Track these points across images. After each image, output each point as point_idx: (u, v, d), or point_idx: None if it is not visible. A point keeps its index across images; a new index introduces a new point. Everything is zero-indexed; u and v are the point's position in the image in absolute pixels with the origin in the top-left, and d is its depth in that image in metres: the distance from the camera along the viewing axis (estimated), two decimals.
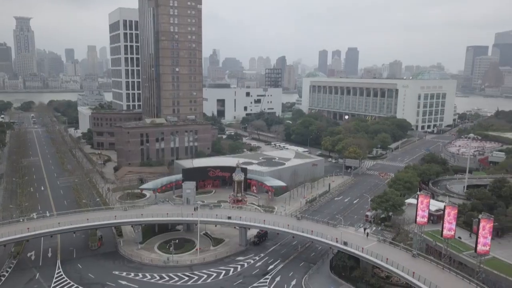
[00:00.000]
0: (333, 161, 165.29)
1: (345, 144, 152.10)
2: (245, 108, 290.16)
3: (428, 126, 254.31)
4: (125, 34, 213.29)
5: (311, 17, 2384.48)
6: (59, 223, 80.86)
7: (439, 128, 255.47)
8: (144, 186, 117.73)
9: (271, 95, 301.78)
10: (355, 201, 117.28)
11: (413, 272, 61.30)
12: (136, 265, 78.73)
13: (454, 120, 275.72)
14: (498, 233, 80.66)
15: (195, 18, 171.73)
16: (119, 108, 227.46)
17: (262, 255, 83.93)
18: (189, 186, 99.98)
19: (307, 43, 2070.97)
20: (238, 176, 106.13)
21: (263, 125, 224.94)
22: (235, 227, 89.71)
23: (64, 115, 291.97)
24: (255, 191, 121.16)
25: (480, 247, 63.35)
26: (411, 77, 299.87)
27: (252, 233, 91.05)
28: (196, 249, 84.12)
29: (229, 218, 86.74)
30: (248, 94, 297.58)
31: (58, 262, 79.22)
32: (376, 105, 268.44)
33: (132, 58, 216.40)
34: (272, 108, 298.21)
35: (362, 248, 70.50)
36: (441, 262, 66.40)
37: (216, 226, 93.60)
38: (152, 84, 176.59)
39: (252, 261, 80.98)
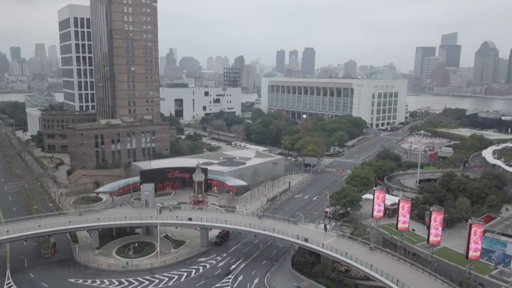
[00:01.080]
0: (293, 159, 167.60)
1: (304, 142, 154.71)
2: (204, 108, 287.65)
3: (382, 124, 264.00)
4: (76, 32, 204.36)
5: (268, 17, 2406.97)
6: (7, 231, 76.19)
7: (392, 125, 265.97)
8: (100, 189, 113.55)
9: (230, 95, 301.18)
10: (314, 198, 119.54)
11: (371, 265, 63.40)
12: (93, 272, 75.75)
13: (406, 118, 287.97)
14: (448, 224, 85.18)
15: (150, 16, 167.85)
16: (71, 109, 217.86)
17: (224, 255, 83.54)
18: (148, 188, 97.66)
19: (265, 43, 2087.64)
20: (198, 177, 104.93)
21: (223, 125, 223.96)
22: (196, 228, 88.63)
23: (11, 117, 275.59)
24: (216, 191, 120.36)
25: (432, 238, 66.68)
26: (365, 77, 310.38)
27: (214, 233, 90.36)
28: (157, 252, 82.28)
29: (190, 219, 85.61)
30: (206, 93, 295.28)
31: (8, 272, 74.67)
32: (332, 104, 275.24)
33: (84, 57, 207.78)
34: (232, 108, 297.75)
35: (322, 244, 71.94)
36: (397, 253, 69.13)
37: (176, 228, 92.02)
38: (106, 84, 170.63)
39: (214, 262, 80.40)
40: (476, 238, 61.08)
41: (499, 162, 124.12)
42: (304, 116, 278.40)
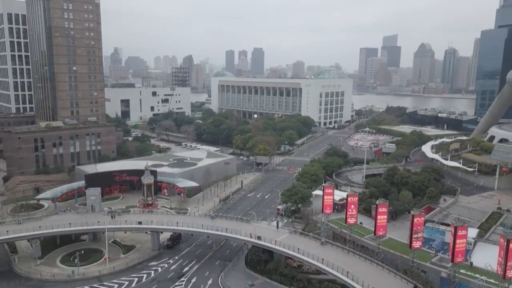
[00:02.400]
0: (245, 158, 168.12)
1: (255, 141, 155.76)
2: (152, 108, 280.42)
3: (330, 122, 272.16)
4: (11, 28, 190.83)
5: (217, 17, 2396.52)
6: None
7: (339, 124, 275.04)
8: (41, 195, 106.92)
9: (179, 95, 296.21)
10: (266, 196, 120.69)
11: (322, 259, 65.05)
12: (35, 283, 71.19)
13: (352, 116, 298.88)
14: (392, 216, 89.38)
15: (92, 13, 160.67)
16: (7, 111, 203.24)
17: (176, 257, 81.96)
18: (93, 193, 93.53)
19: (214, 43, 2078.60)
20: (147, 179, 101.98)
21: (172, 126, 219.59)
22: (146, 232, 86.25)
23: None
24: (166, 193, 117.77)
25: (378, 230, 69.70)
26: (313, 77, 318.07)
27: (165, 236, 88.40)
28: (105, 259, 78.93)
29: (140, 223, 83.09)
30: (154, 93, 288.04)
31: None
32: (282, 104, 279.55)
33: (20, 56, 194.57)
34: (181, 108, 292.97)
35: (275, 241, 72.72)
36: (346, 247, 71.53)
37: (126, 232, 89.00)
38: (46, 84, 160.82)
39: (166, 265, 78.59)
40: (418, 228, 64.62)
41: (437, 156, 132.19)
42: (255, 115, 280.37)
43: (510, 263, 55.28)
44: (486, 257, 65.33)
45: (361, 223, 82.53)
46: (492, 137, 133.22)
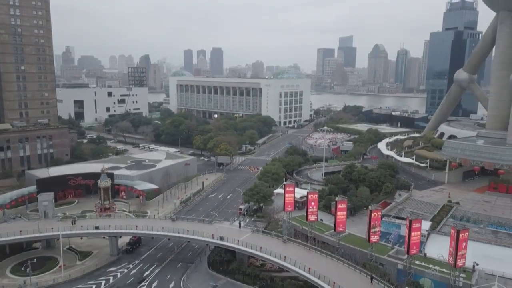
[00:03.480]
0: (206, 159, 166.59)
1: (216, 142, 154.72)
2: (108, 109, 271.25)
3: (290, 122, 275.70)
4: None
5: (174, 16, 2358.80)
6: None
7: (298, 123, 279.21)
8: None
9: (136, 95, 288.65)
10: (228, 196, 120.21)
11: (284, 256, 65.65)
12: None
13: (310, 115, 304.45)
14: (351, 212, 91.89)
15: (42, 10, 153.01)
16: None
17: (136, 262, 79.74)
18: (46, 198, 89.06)
19: (171, 42, 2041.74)
20: (104, 183, 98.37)
21: (130, 127, 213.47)
22: (104, 237, 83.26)
23: None
24: (124, 196, 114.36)
25: (338, 226, 71.38)
26: (272, 77, 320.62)
27: (124, 240, 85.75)
28: (60, 266, 75.32)
29: (97, 228, 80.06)
30: (110, 94, 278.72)
31: None
32: (242, 103, 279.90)
33: None
34: (139, 108, 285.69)
35: (238, 241, 72.56)
36: (307, 243, 72.64)
37: (82, 238, 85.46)
38: None
39: (125, 270, 76.24)
40: (375, 223, 66.82)
41: (391, 153, 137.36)
42: (215, 115, 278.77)
43: (460, 253, 58.41)
44: (439, 247, 68.71)
45: (321, 219, 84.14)
46: (442, 134, 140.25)
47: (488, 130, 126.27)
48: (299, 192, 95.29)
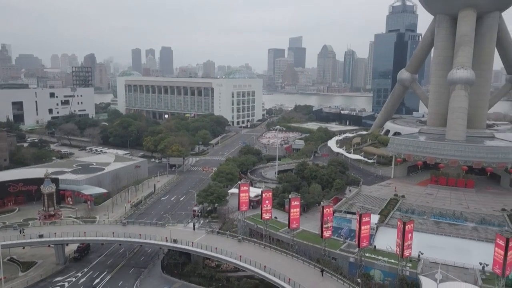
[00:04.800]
0: (157, 161, 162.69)
1: (167, 143, 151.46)
2: (51, 111, 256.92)
3: (243, 122, 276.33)
4: None
5: (118, 15, 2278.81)
6: None
7: (251, 122, 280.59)
8: None
9: (81, 96, 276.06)
10: (182, 198, 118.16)
11: (240, 256, 65.58)
12: None
13: (263, 115, 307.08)
14: (304, 208, 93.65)
15: None
16: None
17: (85, 270, 76.11)
18: None
19: (118, 41, 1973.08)
20: (47, 188, 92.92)
21: (75, 129, 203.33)
22: (49, 246, 78.70)
23: None
24: (71, 202, 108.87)
25: (291, 223, 72.48)
26: (224, 77, 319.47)
27: (71, 248, 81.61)
28: (0, 279, 70.12)
29: (41, 236, 75.50)
30: (52, 95, 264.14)
31: None
32: (194, 103, 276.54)
33: None
34: (84, 110, 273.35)
35: (192, 243, 71.55)
36: (263, 242, 73.08)
37: (24, 248, 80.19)
38: None
39: (74, 279, 72.50)
40: (328, 219, 68.61)
41: (341, 150, 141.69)
42: (166, 116, 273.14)
43: (406, 243, 61.42)
44: (387, 239, 71.86)
45: (276, 217, 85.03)
46: (388, 131, 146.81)
47: (429, 127, 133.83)
48: (254, 191, 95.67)
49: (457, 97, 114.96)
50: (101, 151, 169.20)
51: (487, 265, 61.37)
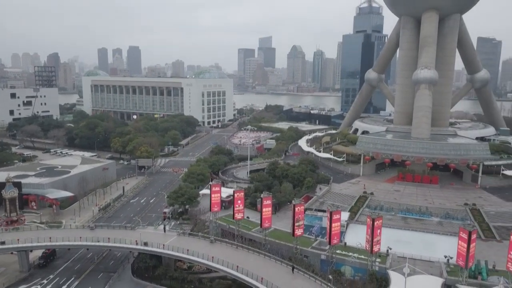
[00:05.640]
0: (125, 162, 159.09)
1: (136, 144, 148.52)
2: (12, 112, 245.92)
3: (213, 122, 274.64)
4: None
5: (83, 13, 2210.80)
6: None
7: (222, 122, 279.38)
8: None
9: (44, 96, 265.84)
10: (152, 200, 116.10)
11: (212, 257, 65.09)
12: None
13: (234, 115, 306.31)
14: (276, 208, 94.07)
15: None
16: None
17: (51, 276, 73.33)
18: None
19: (83, 40, 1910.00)
20: (9, 193, 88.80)
21: (38, 131, 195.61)
22: (12, 253, 75.34)
23: None
24: (35, 207, 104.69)
25: (264, 223, 72.66)
26: (193, 76, 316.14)
27: (36, 254, 78.51)
28: None
29: (3, 243, 72.17)
30: (13, 95, 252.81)
31: None
32: (163, 104, 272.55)
33: None
34: (48, 111, 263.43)
35: (163, 245, 70.42)
36: (235, 242, 72.85)
37: None
38: None
39: (39, 287, 69.77)
40: (299, 217, 69.23)
41: (311, 149, 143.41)
42: (135, 116, 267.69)
43: (376, 239, 62.90)
44: (357, 236, 73.32)
45: (248, 217, 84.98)
46: (356, 130, 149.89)
47: (396, 125, 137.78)
48: (225, 192, 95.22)
49: (422, 96, 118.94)
50: (66, 153, 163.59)
51: (451, 257, 63.74)
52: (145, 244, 71.09)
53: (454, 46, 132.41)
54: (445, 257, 65.51)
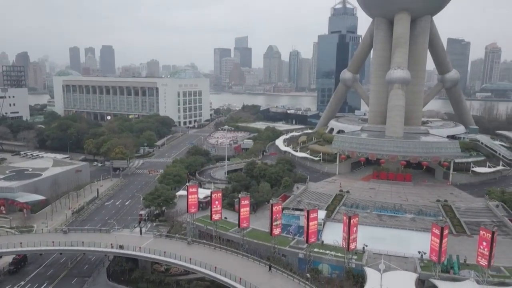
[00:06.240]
0: (100, 164, 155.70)
1: (110, 145, 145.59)
2: None
3: (190, 122, 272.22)
4: None
5: (53, 12, 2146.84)
6: None
7: (199, 123, 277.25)
8: None
9: (13, 97, 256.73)
10: (127, 203, 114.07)
11: (190, 258, 64.52)
12: None
13: (211, 115, 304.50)
14: (254, 207, 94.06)
15: None
16: None
17: (22, 283, 71.03)
18: None
19: (54, 39, 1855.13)
20: None
21: (7, 132, 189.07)
22: None
23: None
24: (4, 211, 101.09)
25: (242, 223, 72.56)
26: (169, 76, 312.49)
27: (6, 261, 75.79)
28: None
29: None
30: None
31: None
32: (138, 104, 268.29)
33: None
34: (17, 112, 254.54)
35: (139, 248, 69.35)
36: (213, 243, 72.45)
37: None
38: None
39: None
40: (277, 216, 69.50)
41: (288, 149, 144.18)
42: (109, 117, 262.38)
43: (352, 237, 63.84)
44: (334, 234, 74.20)
45: (225, 218, 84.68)
46: (332, 129, 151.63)
47: (370, 124, 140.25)
48: (203, 192, 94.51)
49: (395, 96, 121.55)
50: (37, 155, 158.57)
51: (425, 253, 65.41)
52: (121, 247, 69.80)
53: (425, 47, 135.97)
54: (419, 252, 67.18)
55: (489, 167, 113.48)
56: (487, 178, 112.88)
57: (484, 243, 57.84)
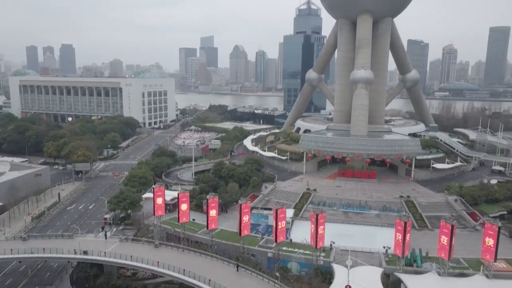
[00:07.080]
0: (61, 167, 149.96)
1: (72, 147, 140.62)
2: None
3: (155, 123, 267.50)
4: None
5: (8, 9, 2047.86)
6: None
7: (164, 123, 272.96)
8: None
9: None
10: (91, 207, 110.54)
11: (157, 262, 63.35)
12: None
13: (177, 115, 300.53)
14: (222, 208, 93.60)
15: None
16: None
17: None
18: None
19: (8, 38, 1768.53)
20: None
21: None
22: None
23: None
24: None
25: (210, 224, 71.97)
26: (133, 76, 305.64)
27: None
28: None
29: None
30: None
31: None
32: (101, 105, 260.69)
33: None
34: None
35: (104, 253, 67.34)
36: (181, 245, 71.43)
37: None
38: None
39: None
40: (246, 216, 69.42)
41: (256, 149, 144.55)
42: (70, 118, 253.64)
43: (320, 234, 64.76)
44: (302, 232, 75.10)
45: (193, 219, 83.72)
46: (298, 129, 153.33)
47: (336, 124, 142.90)
48: (170, 194, 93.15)
49: (359, 95, 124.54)
50: None
51: (389, 248, 67.34)
52: (85, 252, 67.59)
53: (387, 48, 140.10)
54: (384, 247, 69.09)
55: (448, 163, 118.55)
56: (446, 174, 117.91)
57: (444, 236, 60.26)
